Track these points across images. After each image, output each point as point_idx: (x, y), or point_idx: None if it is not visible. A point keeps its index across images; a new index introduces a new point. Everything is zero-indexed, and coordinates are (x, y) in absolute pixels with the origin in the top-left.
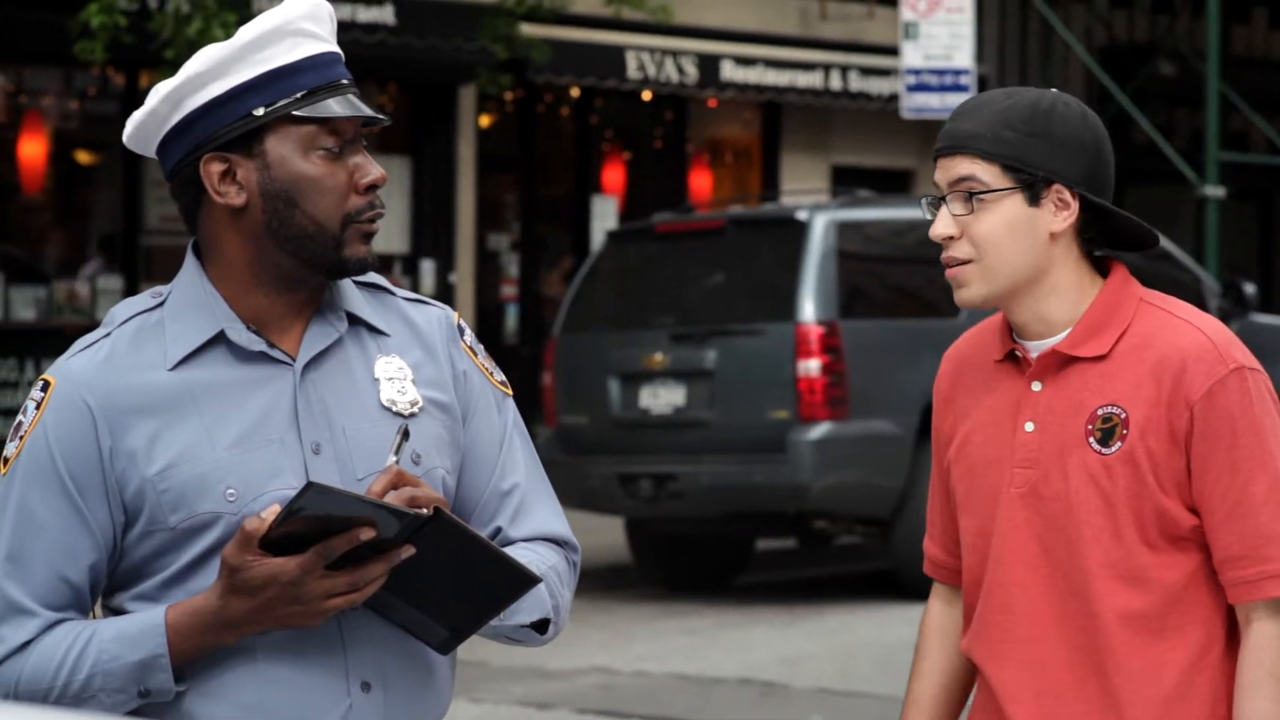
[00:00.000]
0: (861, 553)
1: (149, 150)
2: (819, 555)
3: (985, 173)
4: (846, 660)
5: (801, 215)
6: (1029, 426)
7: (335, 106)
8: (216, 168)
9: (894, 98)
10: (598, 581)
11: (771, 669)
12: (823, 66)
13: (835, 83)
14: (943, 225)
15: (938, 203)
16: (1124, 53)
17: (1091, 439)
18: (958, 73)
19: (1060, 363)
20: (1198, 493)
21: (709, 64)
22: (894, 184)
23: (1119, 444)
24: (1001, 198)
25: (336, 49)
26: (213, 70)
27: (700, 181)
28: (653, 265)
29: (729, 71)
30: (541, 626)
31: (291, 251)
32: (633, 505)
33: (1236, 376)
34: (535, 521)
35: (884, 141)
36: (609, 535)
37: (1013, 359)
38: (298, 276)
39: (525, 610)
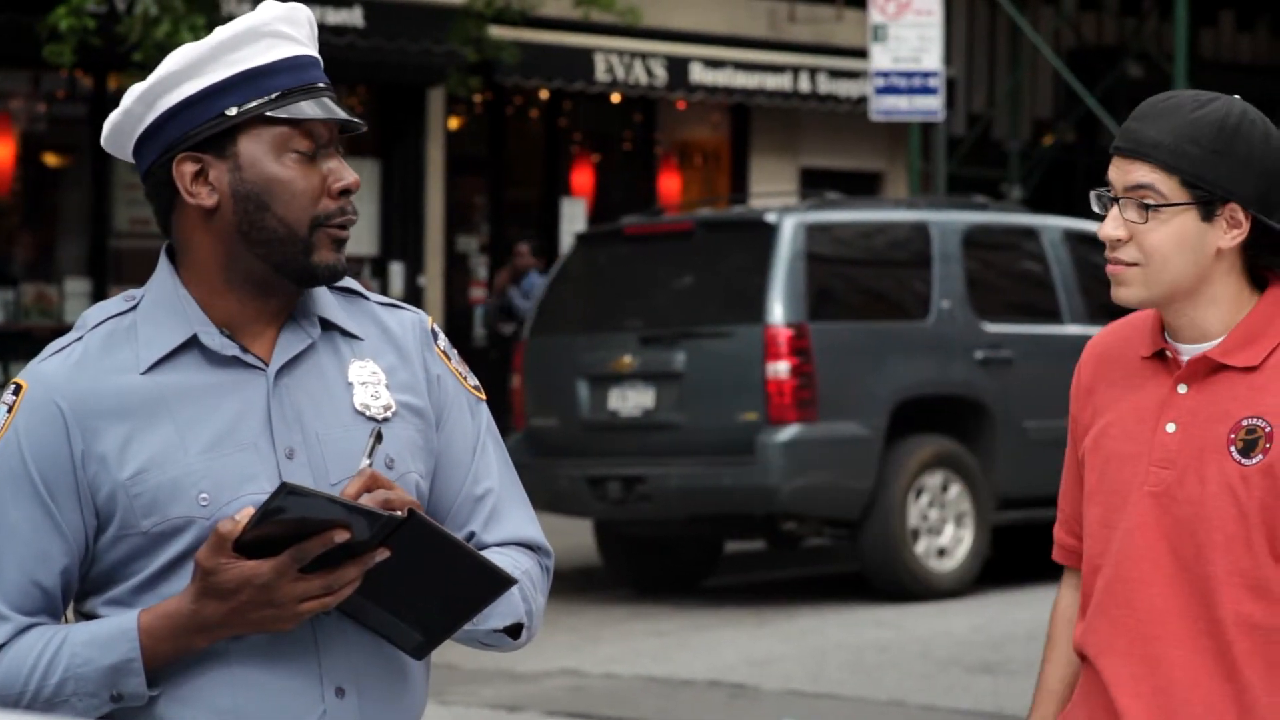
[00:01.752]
0: (830, 555)
1: (125, 153)
2: (788, 557)
3: (1164, 184)
4: (815, 662)
5: (770, 218)
6: (1170, 428)
7: (309, 109)
8: (189, 168)
9: (863, 100)
10: (566, 584)
11: (740, 671)
12: (791, 69)
13: (804, 85)
14: (1112, 227)
15: (1109, 202)
16: (1092, 55)
17: (1233, 448)
18: (926, 75)
19: (1209, 369)
20: None
21: (678, 66)
22: (863, 186)
23: (1260, 456)
24: (1177, 212)
25: (313, 53)
26: (186, 70)
27: (669, 184)
28: (622, 268)
29: (698, 74)
30: (515, 631)
31: (262, 255)
32: (601, 507)
33: None
34: (509, 526)
35: (853, 144)
36: (578, 537)
37: (1161, 358)
38: (269, 281)
39: (499, 615)
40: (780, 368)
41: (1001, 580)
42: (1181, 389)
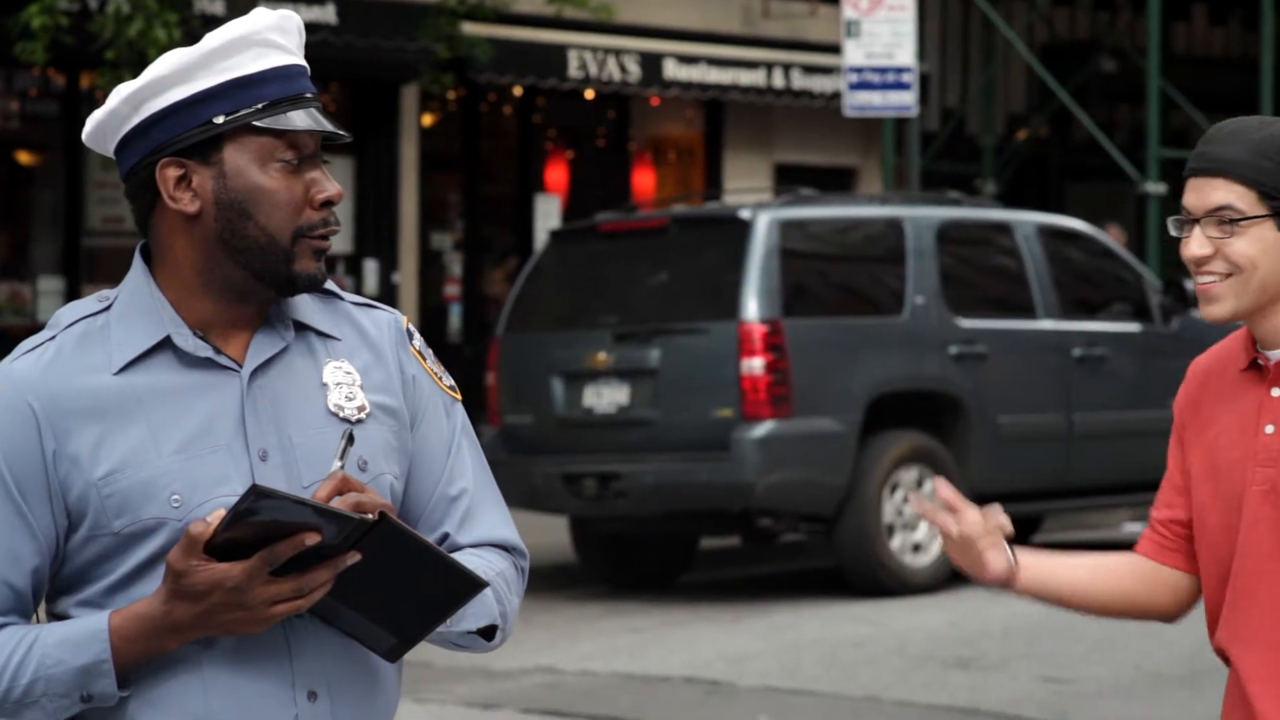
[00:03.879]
0: (806, 550)
1: (107, 150)
2: (763, 553)
3: (1242, 200)
4: (791, 658)
5: (745, 214)
6: (1269, 429)
7: (296, 119)
8: (172, 173)
9: (836, 96)
10: (542, 581)
11: (716, 667)
12: (765, 65)
13: (778, 81)
14: (1198, 247)
15: (1189, 224)
16: (1065, 50)
17: None
18: (900, 70)
19: None
20: None
21: (651, 62)
22: (837, 182)
23: None
24: (1256, 224)
25: (302, 62)
26: (175, 75)
27: (643, 180)
28: (596, 264)
29: (671, 70)
30: (489, 633)
31: (242, 263)
32: (577, 504)
33: None
34: (483, 527)
35: (827, 139)
36: (553, 534)
37: (1256, 367)
38: (246, 288)
39: (472, 616)
40: (755, 364)
41: None
42: (1275, 392)
